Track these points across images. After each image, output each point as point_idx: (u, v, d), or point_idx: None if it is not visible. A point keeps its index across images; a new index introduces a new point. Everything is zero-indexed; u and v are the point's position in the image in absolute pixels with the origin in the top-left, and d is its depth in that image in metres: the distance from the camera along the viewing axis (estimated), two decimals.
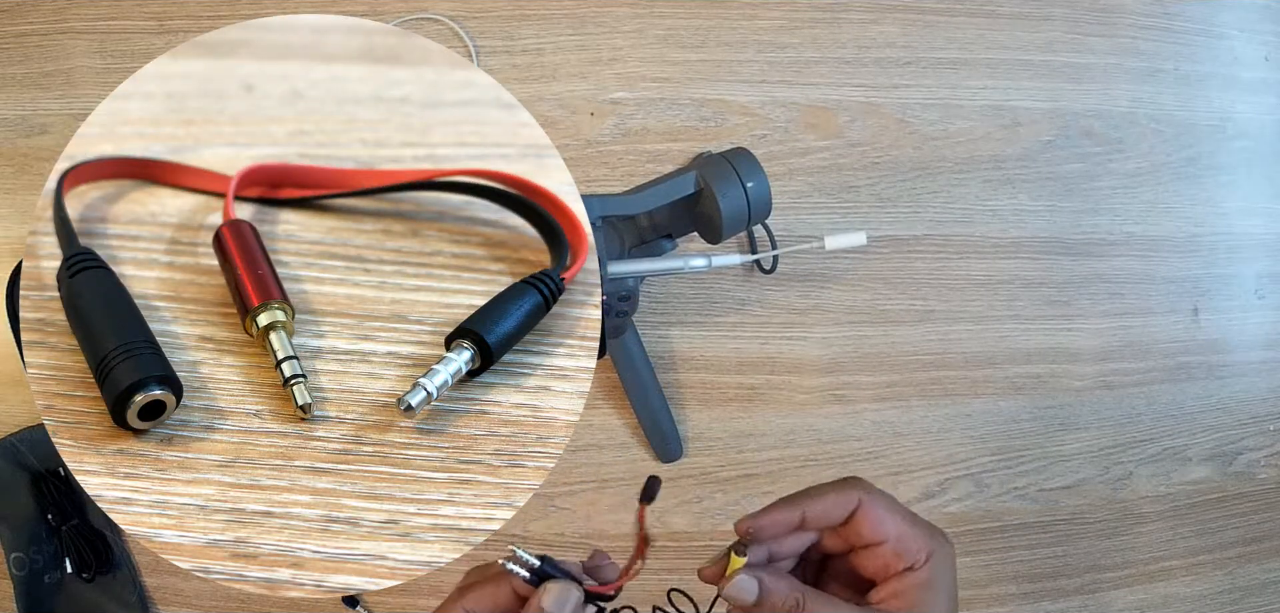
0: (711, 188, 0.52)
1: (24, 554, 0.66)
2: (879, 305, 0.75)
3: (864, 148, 0.76)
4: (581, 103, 0.73)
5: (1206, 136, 0.80)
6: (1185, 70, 0.79)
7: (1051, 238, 0.77)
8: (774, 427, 0.74)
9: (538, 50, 0.73)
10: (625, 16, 0.74)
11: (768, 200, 0.53)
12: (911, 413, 0.75)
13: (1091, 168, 0.78)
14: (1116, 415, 0.77)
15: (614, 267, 0.48)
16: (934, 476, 0.75)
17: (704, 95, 0.74)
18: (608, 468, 0.72)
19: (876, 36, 0.77)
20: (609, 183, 0.73)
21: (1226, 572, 0.78)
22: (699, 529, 0.73)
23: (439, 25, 0.73)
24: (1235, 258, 0.79)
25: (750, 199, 0.52)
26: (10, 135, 0.71)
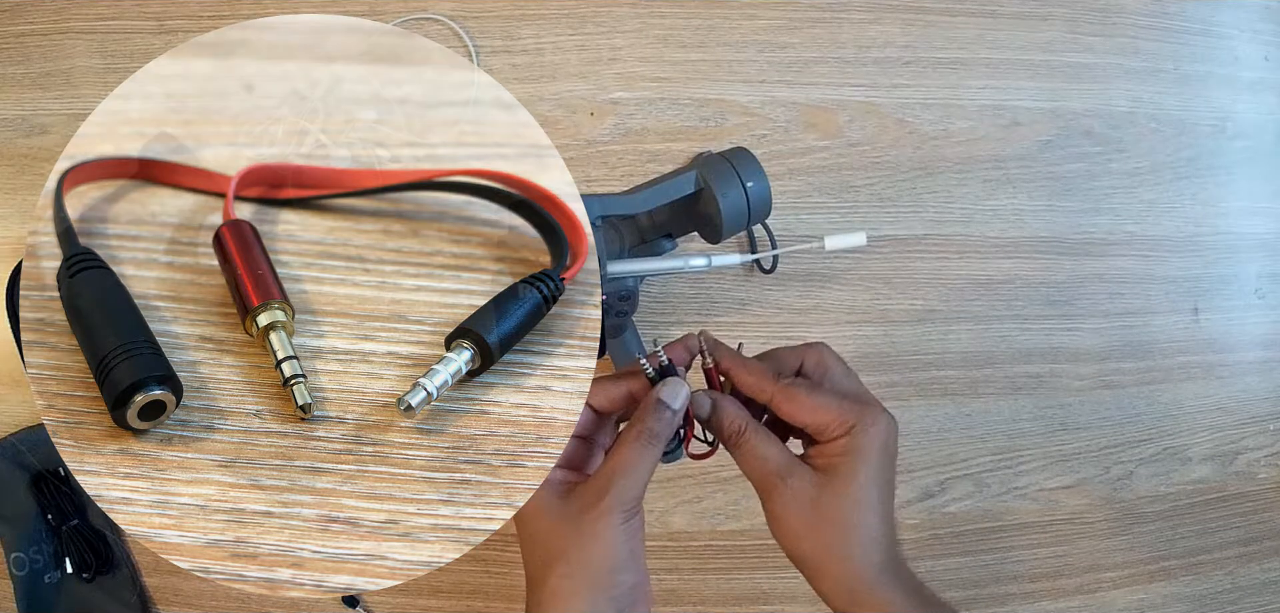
0: (711, 187, 0.52)
1: (24, 554, 0.66)
2: (879, 305, 0.75)
3: (864, 148, 0.76)
4: (581, 103, 0.73)
5: (1206, 136, 0.80)
6: (1185, 70, 0.79)
7: (1051, 238, 0.77)
8: None
9: (538, 50, 0.73)
10: (625, 16, 0.74)
11: (768, 200, 0.53)
12: (911, 413, 0.75)
13: (1091, 168, 0.78)
14: (1116, 415, 0.77)
15: (614, 266, 0.48)
16: (934, 475, 0.75)
17: (704, 95, 0.74)
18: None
19: (876, 36, 0.77)
20: (609, 182, 0.73)
21: (1226, 572, 0.78)
22: (699, 529, 0.73)
23: (439, 25, 0.73)
24: (1235, 258, 0.79)
25: (750, 199, 0.52)
26: (10, 135, 0.71)
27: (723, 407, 0.43)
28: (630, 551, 0.37)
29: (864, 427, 0.40)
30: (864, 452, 0.40)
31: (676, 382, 0.41)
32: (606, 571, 0.37)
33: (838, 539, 0.40)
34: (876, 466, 0.40)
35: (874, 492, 0.41)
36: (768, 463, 0.42)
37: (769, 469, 0.42)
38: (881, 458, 0.41)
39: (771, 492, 0.42)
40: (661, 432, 0.39)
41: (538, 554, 0.39)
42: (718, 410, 0.43)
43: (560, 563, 0.37)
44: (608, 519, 0.37)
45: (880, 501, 0.41)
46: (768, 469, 0.42)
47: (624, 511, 0.37)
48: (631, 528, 0.37)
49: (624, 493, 0.37)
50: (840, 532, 0.40)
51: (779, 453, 0.42)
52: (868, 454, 0.40)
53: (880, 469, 0.41)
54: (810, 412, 0.40)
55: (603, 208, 0.50)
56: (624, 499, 0.37)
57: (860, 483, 0.40)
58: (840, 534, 0.40)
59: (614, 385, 0.42)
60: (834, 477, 0.40)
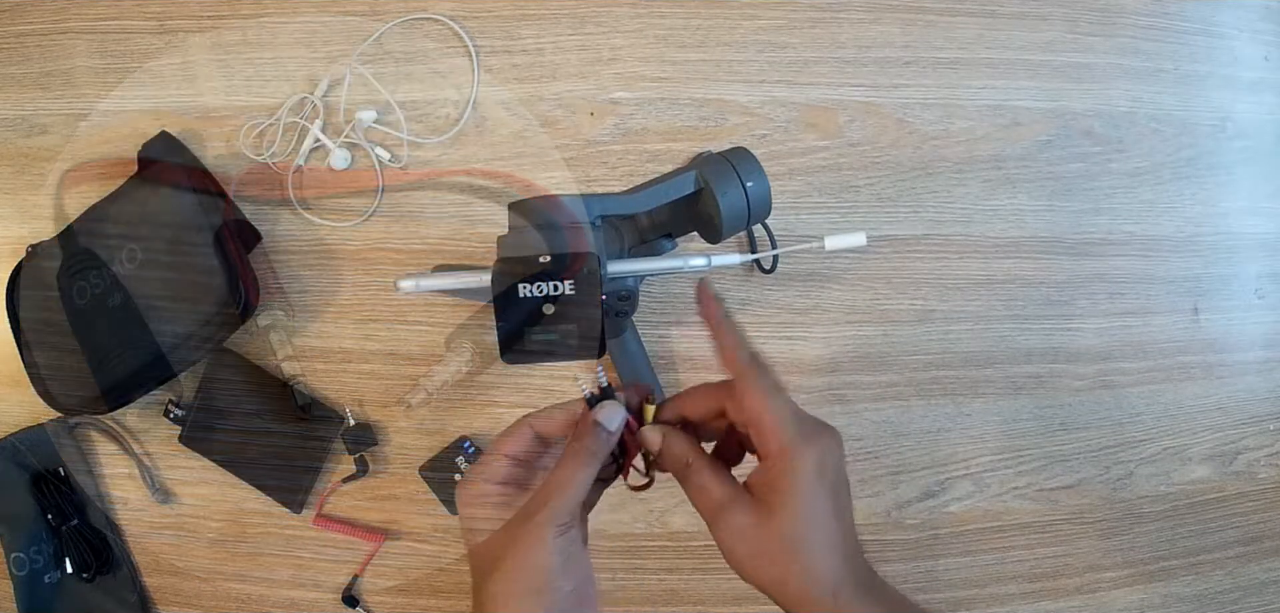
0: (711, 187, 0.52)
1: (24, 554, 0.66)
2: (879, 305, 0.75)
3: (864, 148, 0.76)
4: (581, 103, 0.73)
5: (1206, 136, 0.80)
6: (1185, 70, 0.79)
7: (1051, 238, 0.77)
8: None
9: (538, 50, 0.73)
10: (625, 16, 0.74)
11: (767, 200, 0.53)
12: (911, 413, 0.75)
13: (1091, 167, 0.78)
14: (1116, 415, 0.77)
15: (614, 266, 0.48)
16: (934, 475, 0.75)
17: (704, 95, 0.74)
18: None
19: (876, 36, 0.77)
20: (609, 182, 0.73)
21: (1226, 572, 0.78)
22: (699, 529, 0.73)
23: (439, 25, 0.73)
24: (1235, 258, 0.79)
25: (750, 199, 0.52)
26: (10, 135, 0.71)
27: (671, 441, 0.44)
28: (565, 560, 0.39)
29: (798, 451, 0.41)
30: (799, 476, 0.41)
31: (613, 405, 0.42)
32: (542, 579, 0.38)
33: (785, 564, 0.41)
34: (813, 490, 0.41)
35: (817, 514, 0.41)
36: (711, 496, 0.43)
37: (712, 502, 0.43)
38: (818, 482, 0.41)
39: (715, 523, 0.43)
40: (596, 450, 0.41)
41: (479, 562, 0.40)
42: (666, 443, 0.44)
43: (497, 572, 0.39)
44: (541, 532, 0.38)
45: (826, 520, 0.41)
46: (712, 502, 0.43)
47: (558, 524, 0.39)
48: (567, 540, 0.39)
49: (557, 507, 0.39)
50: (787, 556, 0.41)
51: (721, 487, 0.43)
52: (802, 479, 0.41)
53: (819, 493, 0.41)
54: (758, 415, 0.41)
55: (603, 208, 0.50)
56: (557, 513, 0.39)
57: (797, 509, 0.41)
58: (787, 558, 0.41)
59: (558, 412, 0.43)
60: (772, 505, 0.41)
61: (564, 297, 0.41)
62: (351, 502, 0.71)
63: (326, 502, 0.70)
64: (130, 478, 0.69)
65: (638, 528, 0.73)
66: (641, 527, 0.73)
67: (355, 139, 0.71)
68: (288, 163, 0.71)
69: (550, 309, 0.42)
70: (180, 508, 0.70)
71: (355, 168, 0.72)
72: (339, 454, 0.70)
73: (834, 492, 0.42)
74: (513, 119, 0.73)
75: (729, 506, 0.42)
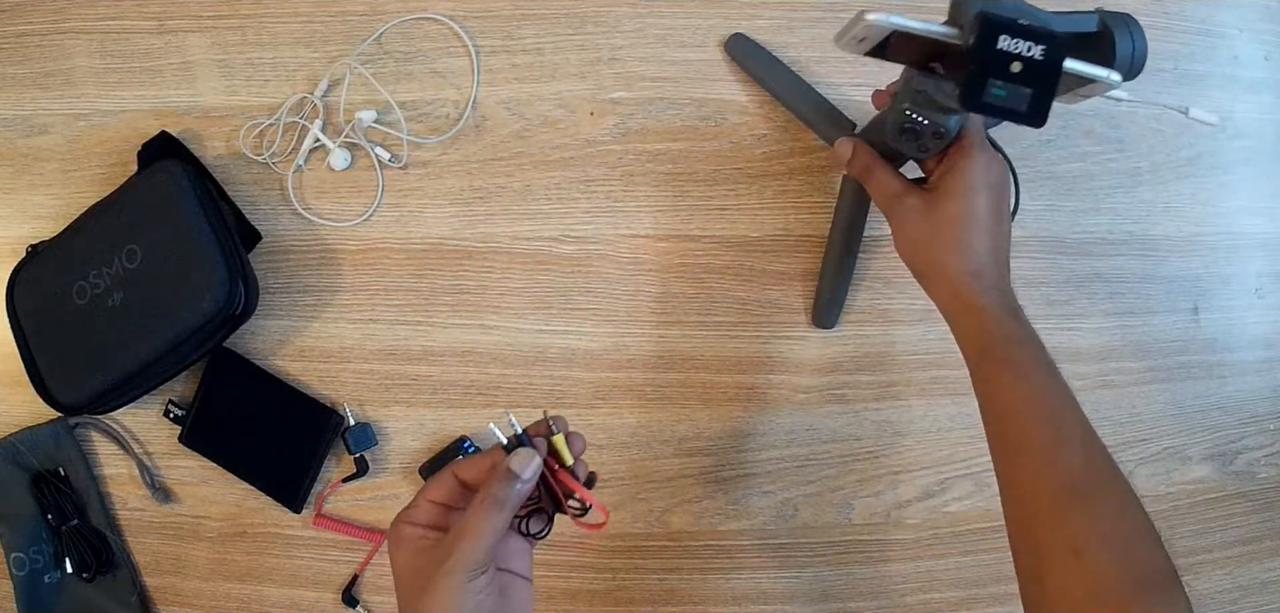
0: (1112, 31, 0.53)
1: (24, 554, 0.66)
2: (879, 305, 0.75)
3: None
4: (581, 103, 0.73)
5: (1206, 136, 0.80)
6: (1185, 70, 0.79)
7: (1051, 238, 0.77)
8: (774, 427, 0.74)
9: (538, 50, 0.73)
10: (625, 16, 0.74)
11: (1144, 62, 0.55)
12: (911, 413, 0.75)
13: (1091, 167, 0.78)
14: (1116, 415, 0.77)
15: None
16: (934, 475, 0.75)
17: (704, 95, 0.74)
18: (608, 468, 0.72)
19: None
20: (609, 182, 0.73)
21: (1226, 572, 0.78)
22: (699, 529, 0.73)
23: (439, 25, 0.73)
24: (1235, 258, 0.79)
25: (1136, 54, 0.54)
26: (10, 135, 0.71)
27: (858, 149, 0.56)
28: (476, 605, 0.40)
29: (971, 151, 0.50)
30: (966, 172, 0.50)
31: (527, 452, 0.43)
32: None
33: (943, 247, 0.50)
34: (976, 185, 0.50)
35: (976, 208, 0.50)
36: (891, 187, 0.53)
37: (891, 191, 0.53)
38: (983, 180, 0.50)
39: (892, 210, 0.53)
40: (507, 498, 0.41)
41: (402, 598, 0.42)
42: (855, 150, 0.56)
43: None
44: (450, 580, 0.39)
45: (983, 217, 0.50)
46: (891, 191, 0.53)
47: (467, 571, 0.40)
48: (476, 586, 0.40)
49: (466, 555, 0.40)
50: (946, 240, 0.50)
51: (897, 180, 0.54)
52: (968, 175, 0.50)
53: (981, 189, 0.50)
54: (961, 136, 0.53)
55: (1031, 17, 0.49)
56: (466, 561, 0.40)
57: (961, 199, 0.50)
58: (946, 242, 0.50)
59: (482, 459, 0.44)
60: (940, 195, 0.51)
61: (1033, 60, 0.44)
62: (351, 502, 0.71)
63: (326, 502, 0.70)
64: (130, 478, 0.70)
65: (638, 528, 0.73)
66: (641, 527, 0.73)
67: (355, 139, 0.71)
68: (288, 163, 0.71)
69: (1017, 67, 0.44)
70: (180, 508, 0.70)
71: (355, 168, 0.72)
72: (339, 454, 0.70)
73: (995, 197, 0.51)
74: (513, 119, 0.73)
75: (905, 194, 0.53)
